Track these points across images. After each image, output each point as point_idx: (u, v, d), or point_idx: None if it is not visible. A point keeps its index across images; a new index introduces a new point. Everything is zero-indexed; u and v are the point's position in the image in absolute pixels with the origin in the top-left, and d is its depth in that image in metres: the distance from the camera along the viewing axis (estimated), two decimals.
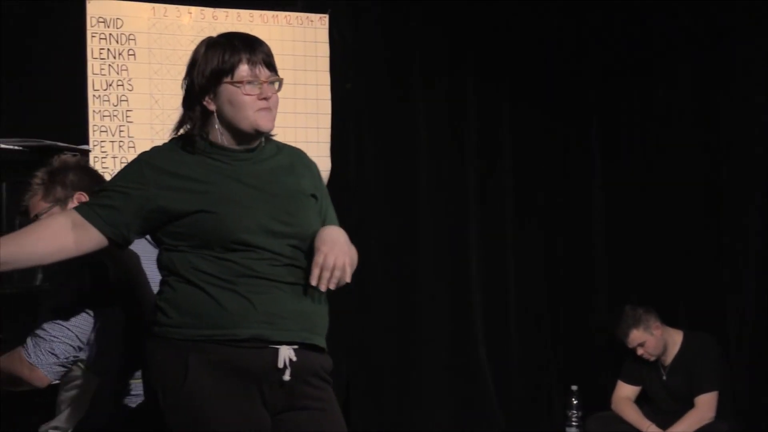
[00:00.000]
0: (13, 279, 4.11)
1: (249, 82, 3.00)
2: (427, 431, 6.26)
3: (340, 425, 3.02)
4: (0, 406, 3.61)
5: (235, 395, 2.87)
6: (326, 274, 2.88)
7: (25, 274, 4.15)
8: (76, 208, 3.01)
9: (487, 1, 6.47)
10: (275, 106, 3.05)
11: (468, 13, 6.46)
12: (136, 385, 3.37)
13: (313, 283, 2.89)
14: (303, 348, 2.95)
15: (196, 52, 3.09)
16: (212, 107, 3.02)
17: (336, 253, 2.91)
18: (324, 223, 3.08)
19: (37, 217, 3.50)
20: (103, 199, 2.99)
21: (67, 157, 3.64)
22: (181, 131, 3.09)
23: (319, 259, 2.89)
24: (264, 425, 2.90)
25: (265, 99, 3.01)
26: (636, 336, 5.89)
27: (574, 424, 6.29)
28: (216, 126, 3.03)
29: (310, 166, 3.19)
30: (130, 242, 3.05)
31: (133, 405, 3.41)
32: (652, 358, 5.93)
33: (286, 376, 2.90)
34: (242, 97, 2.99)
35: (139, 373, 3.36)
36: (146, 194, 2.95)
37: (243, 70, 3.00)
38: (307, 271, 2.93)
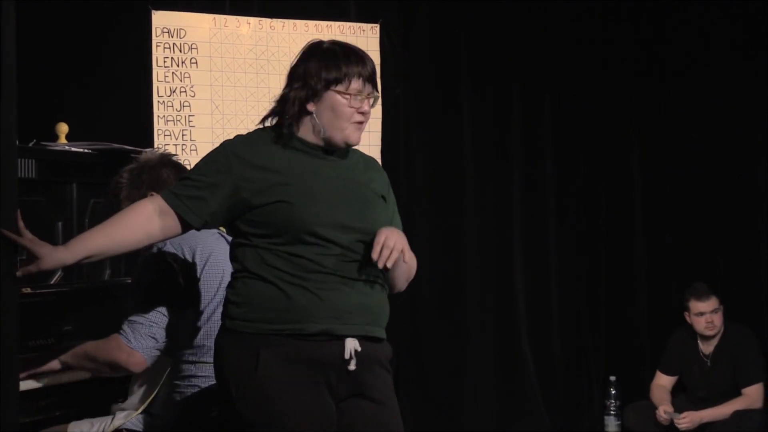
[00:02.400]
0: (82, 274, 4.15)
1: (356, 96, 2.99)
2: (473, 419, 6.26)
3: (397, 418, 3.03)
4: (76, 387, 3.66)
5: (304, 386, 2.88)
6: (386, 252, 2.89)
7: (94, 269, 4.19)
8: (163, 196, 3.00)
9: (530, 13, 6.47)
10: (367, 120, 3.06)
11: (512, 24, 6.46)
12: (207, 368, 3.39)
13: (374, 257, 2.89)
14: (366, 339, 2.98)
15: (309, 53, 3.05)
16: (312, 108, 3.00)
17: (395, 237, 2.93)
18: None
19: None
20: (190, 189, 2.98)
21: (148, 155, 3.66)
22: (267, 123, 3.09)
23: (380, 238, 2.91)
24: (330, 416, 2.91)
25: (363, 113, 3.01)
26: (714, 302, 5.85)
27: (612, 413, 6.26)
28: (309, 125, 3.01)
29: (382, 174, 3.22)
30: (212, 227, 3.11)
31: (205, 387, 3.44)
32: (713, 332, 5.85)
33: (352, 366, 2.92)
34: (345, 109, 2.99)
35: (209, 357, 3.40)
36: (232, 186, 2.96)
37: (356, 83, 2.99)
38: (370, 264, 2.95)
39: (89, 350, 3.43)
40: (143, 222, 2.96)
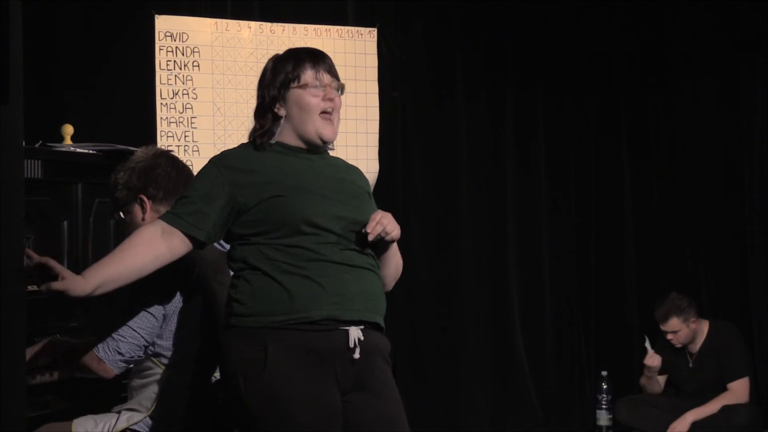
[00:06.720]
0: None
1: (314, 86, 3.09)
2: (468, 413, 6.25)
3: (401, 411, 3.03)
4: (81, 383, 3.65)
5: (312, 379, 2.87)
6: (378, 228, 2.96)
7: None
8: (164, 218, 3.03)
9: (524, 18, 6.47)
10: (338, 110, 3.13)
11: (507, 29, 6.47)
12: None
13: (368, 229, 2.96)
14: (367, 327, 2.99)
15: (264, 68, 3.18)
16: (282, 112, 3.10)
17: (389, 219, 3.01)
18: None
19: (118, 215, 3.56)
20: (188, 206, 3.02)
21: (141, 152, 3.62)
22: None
23: (377, 215, 2.99)
24: (336, 412, 2.91)
25: (330, 100, 3.09)
26: (674, 324, 5.85)
27: (603, 407, 6.25)
28: (286, 129, 3.10)
29: (363, 176, 3.28)
30: (216, 241, 3.11)
31: (203, 389, 3.44)
32: (679, 345, 5.90)
33: (356, 355, 2.92)
34: (308, 99, 3.08)
35: (200, 362, 3.39)
36: (228, 194, 3.00)
37: (308, 75, 3.11)
38: (365, 250, 3.02)
39: (74, 349, 3.52)
40: (149, 245, 2.97)
